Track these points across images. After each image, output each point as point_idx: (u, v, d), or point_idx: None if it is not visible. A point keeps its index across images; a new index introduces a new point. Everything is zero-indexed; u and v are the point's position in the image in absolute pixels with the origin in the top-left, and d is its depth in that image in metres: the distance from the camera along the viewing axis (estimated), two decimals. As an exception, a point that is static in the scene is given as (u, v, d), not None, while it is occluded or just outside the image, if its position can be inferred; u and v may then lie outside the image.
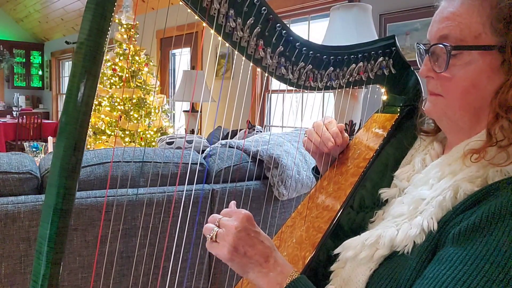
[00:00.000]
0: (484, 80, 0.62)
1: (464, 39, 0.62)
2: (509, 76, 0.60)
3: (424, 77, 0.70)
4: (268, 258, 0.63)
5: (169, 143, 2.12)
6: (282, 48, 0.79)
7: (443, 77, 0.65)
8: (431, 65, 0.67)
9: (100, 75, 0.52)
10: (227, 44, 0.76)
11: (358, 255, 0.64)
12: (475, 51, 0.61)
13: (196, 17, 0.71)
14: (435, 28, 0.66)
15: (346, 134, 0.93)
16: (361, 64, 0.87)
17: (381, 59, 0.88)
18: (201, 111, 4.13)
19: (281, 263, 0.64)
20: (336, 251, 0.69)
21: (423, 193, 0.64)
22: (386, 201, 0.74)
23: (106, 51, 0.53)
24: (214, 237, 0.64)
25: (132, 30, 4.07)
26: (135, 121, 3.93)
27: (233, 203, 0.71)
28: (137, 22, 4.23)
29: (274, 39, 0.77)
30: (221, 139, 2.91)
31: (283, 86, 0.84)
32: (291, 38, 0.79)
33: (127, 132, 3.91)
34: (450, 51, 0.63)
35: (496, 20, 0.60)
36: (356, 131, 1.83)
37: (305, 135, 0.92)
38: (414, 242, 0.60)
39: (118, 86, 3.99)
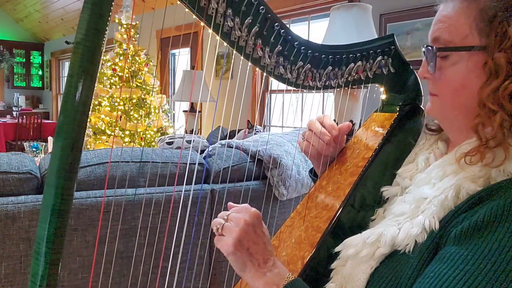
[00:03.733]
0: (474, 80, 0.62)
1: (452, 41, 0.64)
2: (489, 77, 0.60)
3: (422, 78, 0.72)
4: (267, 260, 0.65)
5: (169, 143, 2.12)
6: (281, 48, 0.78)
7: (436, 78, 0.67)
8: (427, 66, 0.68)
9: (100, 75, 0.52)
10: (226, 44, 0.76)
11: (359, 253, 0.64)
12: (463, 51, 0.63)
13: (194, 16, 0.71)
14: (430, 31, 0.68)
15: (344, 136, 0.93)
16: (360, 63, 0.86)
17: (380, 58, 0.88)
18: (200, 111, 4.12)
19: (279, 266, 0.66)
20: (337, 249, 0.69)
21: (425, 192, 0.64)
22: (387, 199, 0.74)
23: (104, 50, 0.53)
24: (220, 229, 0.65)
25: (132, 30, 4.07)
26: (135, 121, 3.93)
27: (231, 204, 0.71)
28: (137, 22, 4.23)
29: (272, 38, 0.77)
30: (221, 139, 2.91)
31: (283, 86, 0.84)
32: (290, 37, 0.79)
33: (127, 132, 3.91)
34: (436, 53, 0.65)
35: (480, 21, 0.61)
36: (355, 130, 1.82)
37: (302, 137, 0.92)
38: (416, 241, 0.60)
39: (118, 86, 3.99)
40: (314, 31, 3.85)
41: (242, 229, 0.63)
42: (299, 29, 3.99)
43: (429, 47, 0.66)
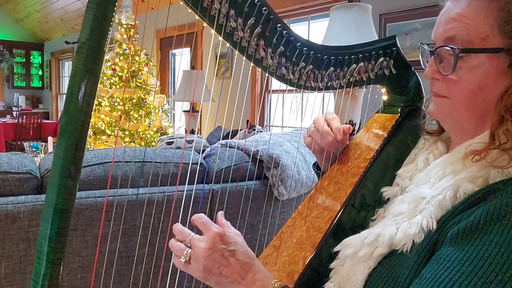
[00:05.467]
0: (491, 83, 0.61)
1: (471, 41, 0.61)
2: None
3: (429, 79, 0.69)
4: (245, 274, 0.63)
5: (169, 143, 2.12)
6: (283, 48, 0.78)
7: (449, 80, 0.64)
8: (437, 67, 0.66)
9: (100, 75, 0.53)
10: (227, 44, 0.76)
11: (358, 253, 0.64)
12: (482, 53, 0.61)
13: (197, 17, 0.71)
14: (441, 29, 0.65)
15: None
16: (361, 64, 0.87)
17: (381, 59, 0.88)
18: (201, 111, 4.12)
19: (260, 277, 0.64)
20: (336, 249, 0.69)
21: (424, 192, 0.64)
22: (388, 199, 0.74)
23: (107, 51, 0.53)
24: (188, 259, 0.63)
25: (132, 30, 4.07)
26: (135, 121, 3.93)
27: (220, 214, 0.70)
28: (137, 22, 4.23)
29: (274, 39, 0.77)
30: (221, 139, 2.91)
31: (283, 86, 0.84)
32: (292, 38, 0.79)
33: (127, 132, 3.91)
34: (458, 54, 0.61)
35: (504, 22, 0.59)
36: (356, 131, 1.83)
37: (307, 132, 0.92)
38: (413, 241, 0.60)
39: (118, 86, 3.99)
40: (314, 31, 3.85)
41: (208, 258, 0.62)
42: (299, 29, 3.99)
43: (448, 47, 0.62)
